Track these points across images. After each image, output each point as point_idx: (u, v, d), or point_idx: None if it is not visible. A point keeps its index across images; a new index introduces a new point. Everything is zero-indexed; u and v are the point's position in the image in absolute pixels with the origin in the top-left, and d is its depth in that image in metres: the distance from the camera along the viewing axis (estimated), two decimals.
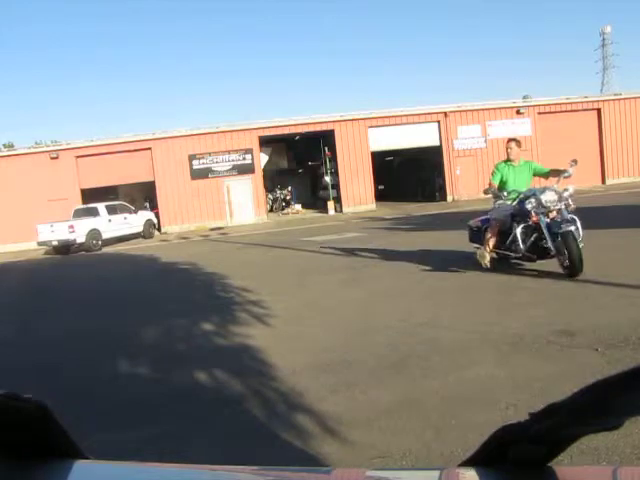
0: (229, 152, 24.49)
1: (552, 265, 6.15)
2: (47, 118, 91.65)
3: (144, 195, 26.39)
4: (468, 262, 7.03)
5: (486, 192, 6.98)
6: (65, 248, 18.44)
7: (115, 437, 2.89)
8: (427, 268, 7.39)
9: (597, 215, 12.22)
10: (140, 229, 21.58)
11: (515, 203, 6.45)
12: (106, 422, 3.20)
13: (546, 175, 6.66)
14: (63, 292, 9.57)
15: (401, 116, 25.35)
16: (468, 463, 0.57)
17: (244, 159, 24.64)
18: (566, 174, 6.16)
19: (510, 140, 6.93)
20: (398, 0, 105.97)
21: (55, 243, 18.38)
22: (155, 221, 23.27)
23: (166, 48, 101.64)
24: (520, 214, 6.30)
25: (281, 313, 5.75)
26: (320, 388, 3.47)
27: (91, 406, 3.53)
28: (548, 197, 6.00)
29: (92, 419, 3.18)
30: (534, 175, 6.75)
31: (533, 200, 6.04)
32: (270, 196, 29.39)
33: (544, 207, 6.00)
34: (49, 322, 6.74)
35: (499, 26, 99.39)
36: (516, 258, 6.57)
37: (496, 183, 6.69)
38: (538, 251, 6.18)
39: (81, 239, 18.36)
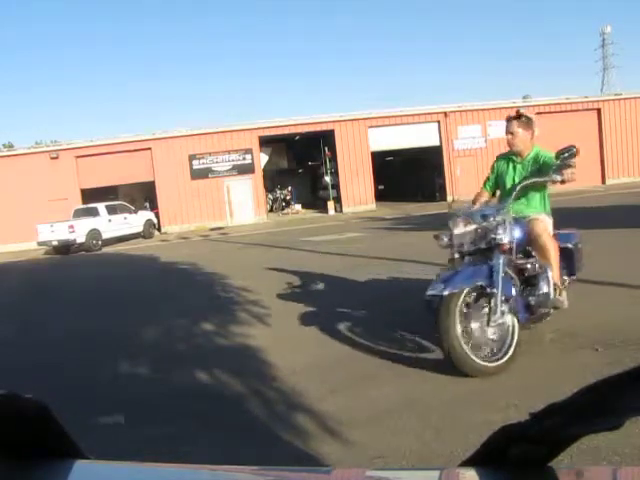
0: (229, 152, 24.50)
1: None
2: (47, 118, 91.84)
3: (144, 195, 26.40)
4: None
5: (450, 209, 4.24)
6: (65, 248, 18.45)
7: (115, 437, 2.88)
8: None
9: (597, 215, 12.23)
10: (140, 229, 21.59)
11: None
12: (106, 422, 3.20)
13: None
14: (63, 292, 9.57)
15: (401, 116, 25.37)
16: (468, 463, 0.57)
17: (244, 159, 24.65)
18: (555, 177, 3.65)
19: (510, 118, 4.04)
20: (398, 0, 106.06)
21: (55, 243, 18.39)
22: (155, 221, 23.28)
23: (166, 48, 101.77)
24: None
25: (281, 313, 5.75)
26: (320, 388, 3.47)
27: (91, 406, 3.53)
28: (456, 228, 3.70)
29: (92, 419, 3.18)
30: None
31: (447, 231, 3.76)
32: (270, 196, 29.40)
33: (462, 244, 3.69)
34: (49, 322, 6.74)
35: (499, 26, 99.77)
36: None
37: (488, 191, 4.31)
38: None
39: (81, 239, 18.37)
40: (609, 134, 26.11)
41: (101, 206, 19.87)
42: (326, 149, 25.91)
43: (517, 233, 3.73)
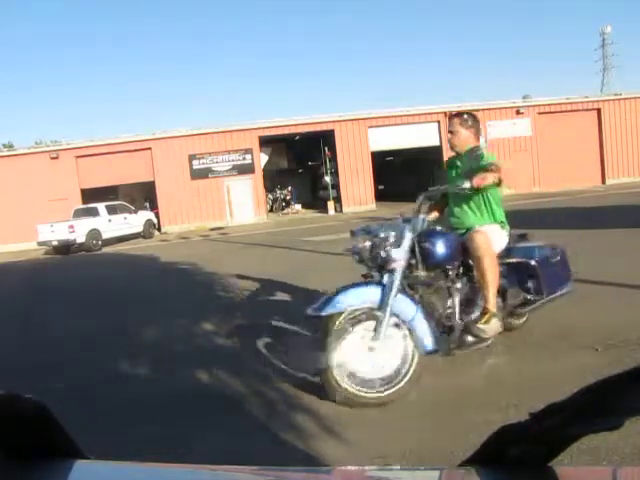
0: (229, 152, 24.50)
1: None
2: (47, 118, 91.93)
3: (144, 195, 26.41)
4: None
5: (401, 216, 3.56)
6: (65, 248, 18.45)
7: (115, 437, 2.88)
8: None
9: (597, 215, 12.23)
10: (140, 229, 21.60)
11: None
12: (106, 422, 3.20)
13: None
14: (63, 292, 9.57)
15: (401, 116, 25.37)
16: (468, 463, 0.57)
17: (244, 159, 24.65)
18: (463, 184, 3.26)
19: (452, 116, 3.83)
20: (398, 0, 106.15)
21: (55, 243, 18.39)
22: (155, 221, 23.28)
23: (166, 48, 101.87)
24: None
25: (281, 312, 5.74)
26: (320, 387, 3.46)
27: (91, 406, 3.53)
28: (358, 243, 3.45)
29: (92, 419, 3.18)
30: None
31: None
32: (270, 196, 29.41)
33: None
34: (49, 322, 6.74)
35: (499, 26, 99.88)
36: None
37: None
38: None
39: (81, 239, 18.38)
40: (609, 134, 26.11)
41: (101, 206, 19.87)
42: (326, 149, 25.92)
43: (440, 248, 3.28)
